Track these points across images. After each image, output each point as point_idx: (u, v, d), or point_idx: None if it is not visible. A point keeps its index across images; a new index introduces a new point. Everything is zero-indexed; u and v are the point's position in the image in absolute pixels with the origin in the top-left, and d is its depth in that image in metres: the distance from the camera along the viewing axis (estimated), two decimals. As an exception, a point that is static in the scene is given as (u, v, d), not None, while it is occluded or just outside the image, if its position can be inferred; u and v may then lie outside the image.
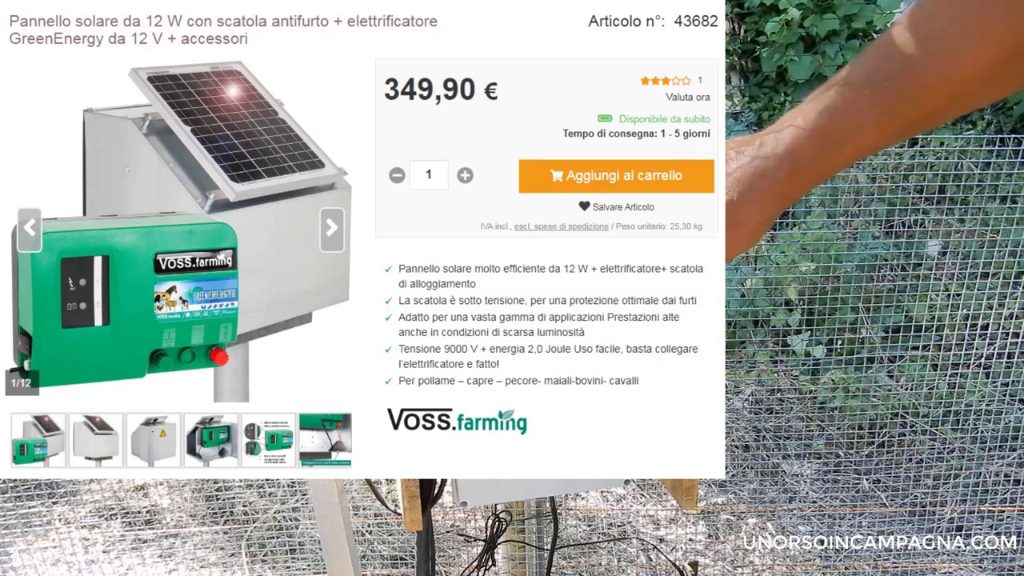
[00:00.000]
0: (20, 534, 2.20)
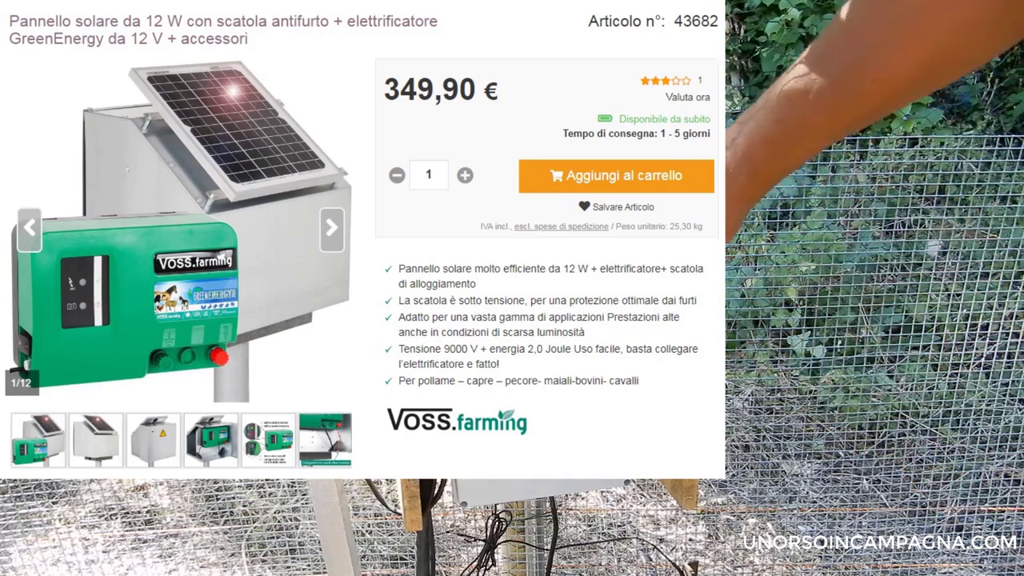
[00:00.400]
0: (20, 534, 2.20)
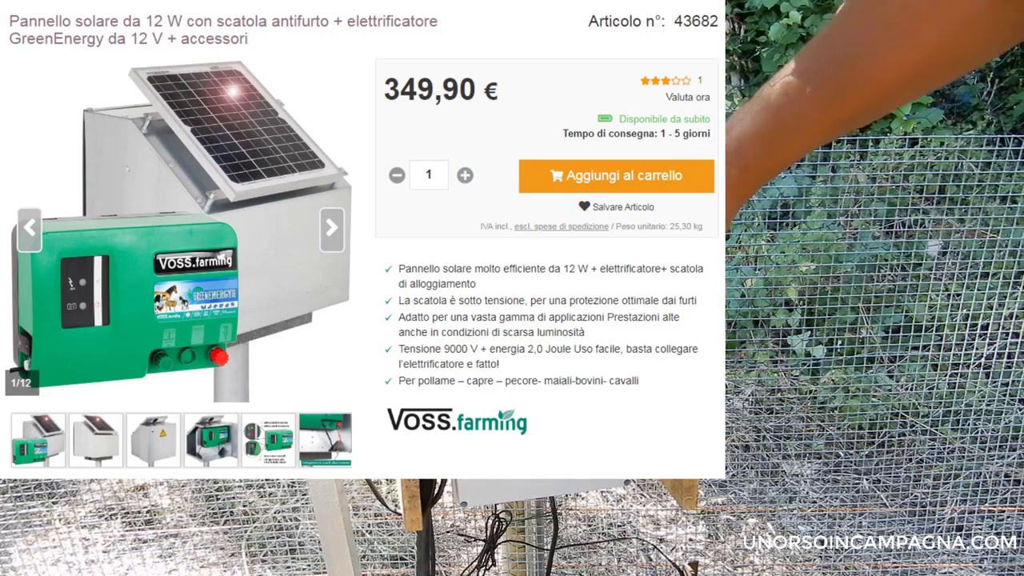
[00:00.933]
0: (20, 534, 2.20)
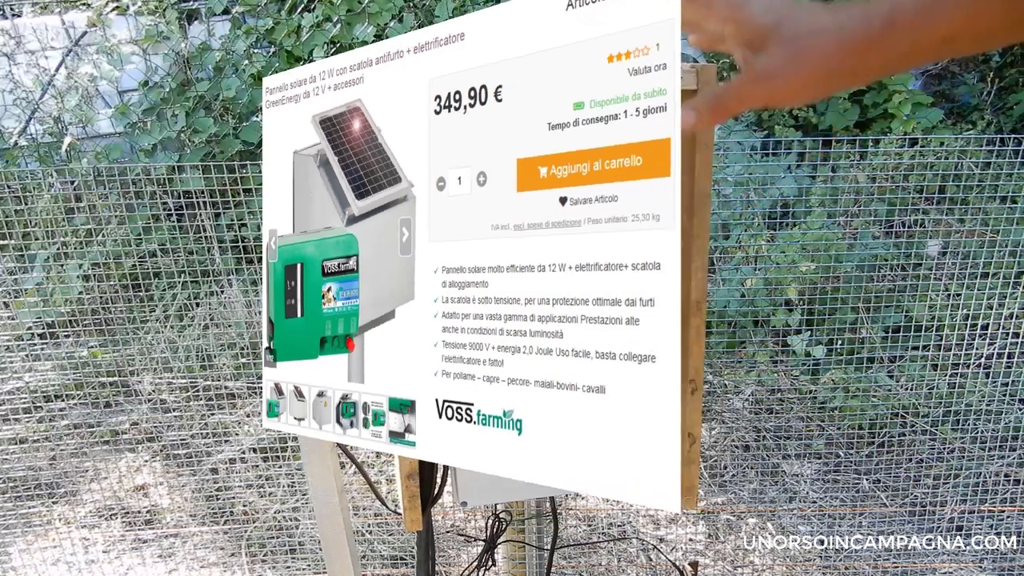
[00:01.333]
0: (20, 534, 2.20)
